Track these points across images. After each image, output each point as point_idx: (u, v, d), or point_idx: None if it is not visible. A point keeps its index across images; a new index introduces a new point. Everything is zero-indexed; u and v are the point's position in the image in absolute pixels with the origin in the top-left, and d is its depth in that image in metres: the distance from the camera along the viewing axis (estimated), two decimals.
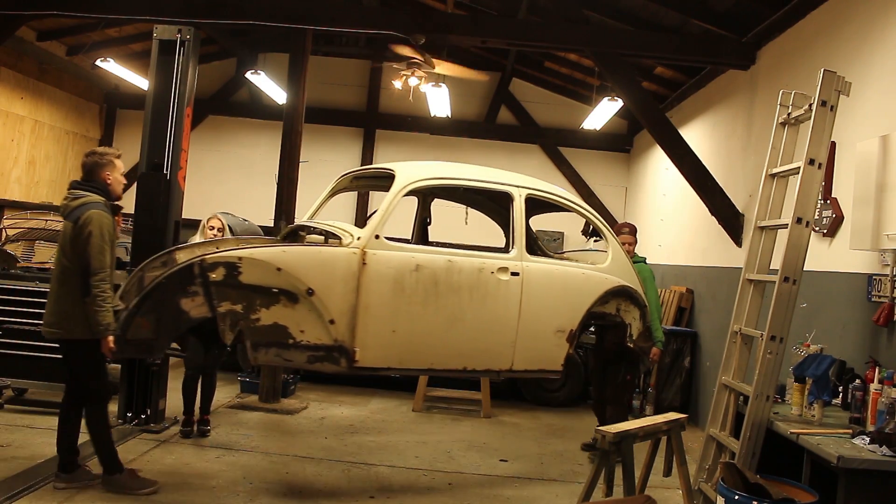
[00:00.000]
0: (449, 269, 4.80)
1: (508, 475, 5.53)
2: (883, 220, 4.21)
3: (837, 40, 5.55)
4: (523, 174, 5.75)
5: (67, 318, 4.33)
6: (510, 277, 4.95)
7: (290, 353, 4.49)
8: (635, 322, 5.60)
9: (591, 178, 12.38)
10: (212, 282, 4.32)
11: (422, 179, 5.04)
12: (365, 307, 4.56)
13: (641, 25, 7.89)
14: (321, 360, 4.54)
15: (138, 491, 4.44)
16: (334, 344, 4.52)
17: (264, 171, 10.86)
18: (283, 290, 4.42)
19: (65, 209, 4.50)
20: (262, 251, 4.47)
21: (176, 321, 4.37)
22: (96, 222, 4.31)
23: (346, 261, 4.54)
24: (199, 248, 5.13)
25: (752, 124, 7.07)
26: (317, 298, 4.45)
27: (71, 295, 4.32)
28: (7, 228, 8.65)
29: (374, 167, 5.55)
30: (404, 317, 4.69)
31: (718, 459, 4.41)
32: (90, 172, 4.59)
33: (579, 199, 6.00)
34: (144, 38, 10.41)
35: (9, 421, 5.71)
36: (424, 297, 4.73)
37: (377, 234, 4.65)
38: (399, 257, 4.69)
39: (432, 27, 7.46)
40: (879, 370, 3.97)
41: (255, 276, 4.38)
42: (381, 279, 4.61)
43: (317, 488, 4.88)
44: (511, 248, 5.07)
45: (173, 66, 5.90)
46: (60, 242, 4.45)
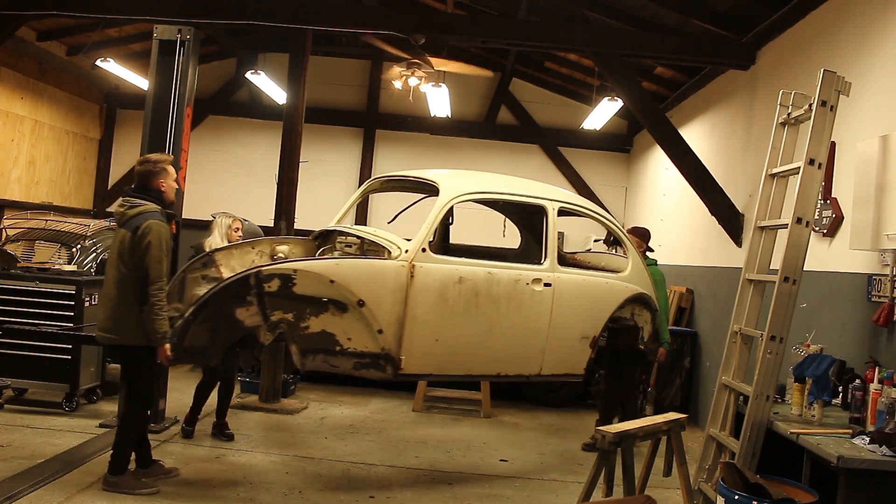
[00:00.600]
0: (489, 280, 5.02)
1: (508, 475, 5.54)
2: (883, 220, 4.21)
3: (837, 40, 5.55)
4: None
5: (124, 325, 4.43)
6: (543, 288, 5.20)
7: (336, 360, 4.69)
8: (647, 325, 5.85)
9: (591, 178, 12.37)
10: (266, 292, 4.48)
11: (466, 193, 5.21)
12: (412, 317, 4.76)
13: (641, 25, 7.89)
14: (367, 367, 4.74)
15: (139, 491, 4.48)
16: (381, 352, 4.73)
17: (264, 171, 10.86)
18: (332, 299, 4.60)
19: (121, 217, 4.55)
20: (317, 264, 4.67)
21: (231, 330, 4.51)
22: (155, 232, 4.40)
23: (395, 274, 4.72)
24: (237, 252, 5.50)
25: (752, 124, 7.07)
26: (367, 309, 4.64)
27: (128, 302, 4.41)
28: (7, 228, 8.65)
29: (414, 175, 5.71)
30: (447, 326, 4.90)
31: (718, 459, 4.41)
32: (144, 180, 4.62)
33: (605, 211, 6.31)
34: (144, 38, 10.40)
35: (9, 421, 5.71)
36: (466, 308, 4.94)
37: (423, 248, 4.83)
38: (444, 270, 4.90)
39: (432, 27, 7.46)
40: (879, 370, 3.97)
41: (309, 288, 4.55)
42: (427, 291, 4.81)
43: (317, 488, 4.88)
44: (544, 260, 5.29)
45: (173, 66, 5.90)
46: (117, 250, 4.49)
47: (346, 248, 5.65)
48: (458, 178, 5.52)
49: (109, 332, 4.49)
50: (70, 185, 11.70)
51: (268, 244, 5.73)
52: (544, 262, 5.29)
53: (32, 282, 6.21)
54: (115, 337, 4.48)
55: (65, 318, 6.09)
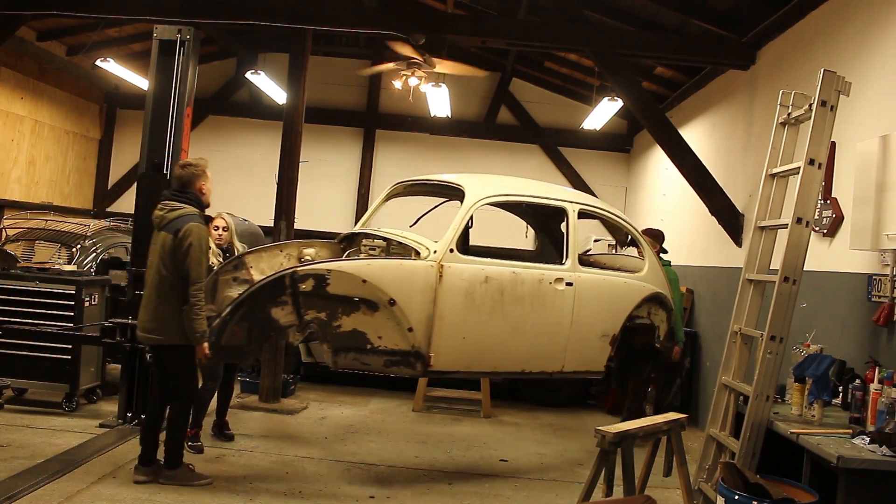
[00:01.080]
0: (513, 280, 5.17)
1: (508, 475, 5.53)
2: (883, 220, 4.21)
3: (837, 40, 5.55)
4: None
5: (166, 325, 4.57)
6: (565, 287, 5.34)
7: (367, 358, 4.85)
8: (663, 324, 6.00)
9: (591, 178, 12.37)
10: (301, 292, 4.63)
11: (490, 196, 5.40)
12: (440, 316, 4.91)
13: (641, 25, 7.89)
14: (397, 365, 4.91)
15: (196, 482, 4.69)
16: (411, 350, 4.87)
17: (264, 171, 10.86)
18: (364, 299, 4.74)
19: (161, 220, 4.69)
20: (350, 264, 4.83)
21: (266, 328, 4.69)
22: (196, 234, 4.56)
23: (425, 273, 4.87)
24: (266, 255, 5.67)
25: (752, 124, 7.07)
26: (398, 308, 4.78)
27: (169, 303, 4.57)
28: (7, 228, 8.65)
29: (437, 179, 5.91)
30: (474, 324, 5.05)
31: (718, 459, 4.41)
32: (186, 184, 4.78)
33: (622, 213, 6.49)
34: (144, 38, 10.41)
35: (9, 421, 5.71)
36: (492, 307, 5.09)
37: (451, 248, 4.98)
38: (471, 270, 5.06)
39: (432, 27, 7.46)
40: (879, 370, 3.97)
41: (342, 287, 4.69)
42: (455, 290, 4.97)
43: (317, 488, 4.88)
44: (565, 260, 5.46)
45: (173, 66, 5.90)
46: (158, 252, 4.63)
47: (370, 250, 5.78)
48: (482, 182, 5.67)
49: (151, 332, 4.63)
50: (70, 185, 11.70)
51: (295, 247, 5.89)
52: (566, 263, 5.44)
53: (32, 282, 6.20)
54: (157, 336, 4.61)
55: (65, 318, 6.09)
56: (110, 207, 12.30)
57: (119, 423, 5.79)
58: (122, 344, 5.79)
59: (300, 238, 6.47)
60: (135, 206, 6.01)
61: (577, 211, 5.61)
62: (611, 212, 6.09)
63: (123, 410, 5.82)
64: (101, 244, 8.10)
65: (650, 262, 5.96)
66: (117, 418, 5.85)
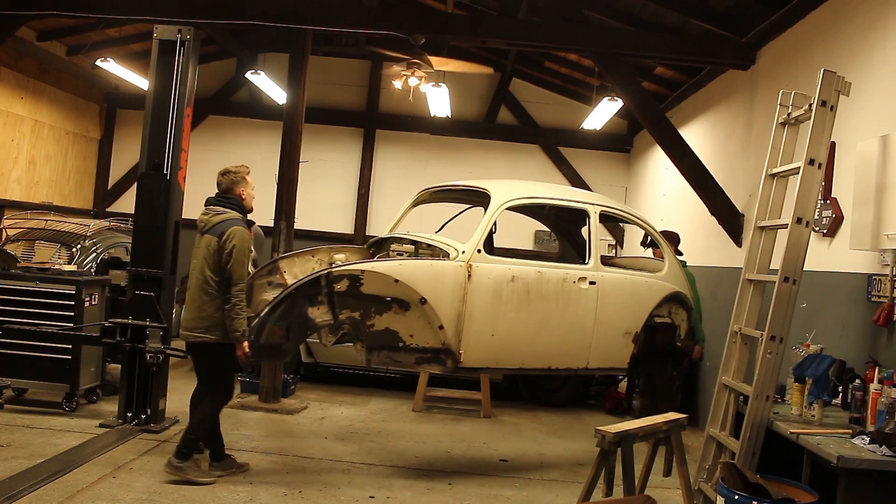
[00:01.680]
0: (539, 279, 5.38)
1: (508, 475, 5.53)
2: (883, 220, 4.21)
3: (837, 40, 5.55)
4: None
5: (208, 324, 4.77)
6: (588, 286, 5.55)
7: (399, 355, 5.05)
8: (683, 323, 6.17)
9: (591, 178, 12.37)
10: (336, 292, 4.83)
11: (515, 199, 5.69)
12: (470, 314, 5.12)
13: (641, 25, 7.89)
14: (428, 362, 5.11)
15: (200, 479, 4.76)
16: (442, 347, 5.07)
17: (264, 171, 10.79)
18: (396, 298, 4.94)
19: (206, 224, 4.91)
20: (383, 265, 5.01)
21: (303, 327, 4.87)
22: (239, 237, 4.78)
23: (454, 273, 5.09)
24: (299, 260, 5.93)
25: (752, 124, 7.07)
26: (429, 306, 4.98)
27: (212, 303, 4.77)
28: (7, 228, 8.65)
29: (464, 184, 6.13)
30: (501, 322, 5.24)
31: (718, 459, 4.41)
32: (228, 190, 5.01)
33: (640, 214, 6.75)
34: (144, 38, 10.41)
35: (9, 421, 5.71)
36: (518, 305, 5.29)
37: (479, 249, 5.22)
38: (498, 269, 5.27)
39: (432, 27, 7.46)
40: (879, 370, 3.97)
41: (375, 287, 4.90)
42: (483, 289, 5.18)
43: (317, 488, 4.88)
44: (588, 260, 5.67)
45: (173, 66, 5.91)
46: (203, 254, 4.84)
47: (398, 255, 5.92)
48: (507, 186, 5.91)
49: (193, 331, 4.81)
50: (70, 185, 11.70)
51: (326, 252, 6.12)
52: (589, 262, 5.64)
53: (32, 282, 6.20)
54: (200, 335, 4.79)
55: (65, 318, 6.09)
56: (110, 207, 12.30)
57: (119, 423, 5.79)
58: (122, 344, 5.79)
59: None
60: (135, 206, 6.00)
61: (599, 213, 5.81)
62: (632, 214, 6.33)
63: (123, 410, 5.82)
64: (101, 244, 8.10)
65: (669, 262, 6.14)
66: (117, 418, 5.85)
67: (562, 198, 6.02)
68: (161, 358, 5.71)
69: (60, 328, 5.99)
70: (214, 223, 4.87)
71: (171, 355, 5.88)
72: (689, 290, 6.29)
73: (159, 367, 5.77)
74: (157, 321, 5.75)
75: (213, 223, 4.87)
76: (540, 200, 6.11)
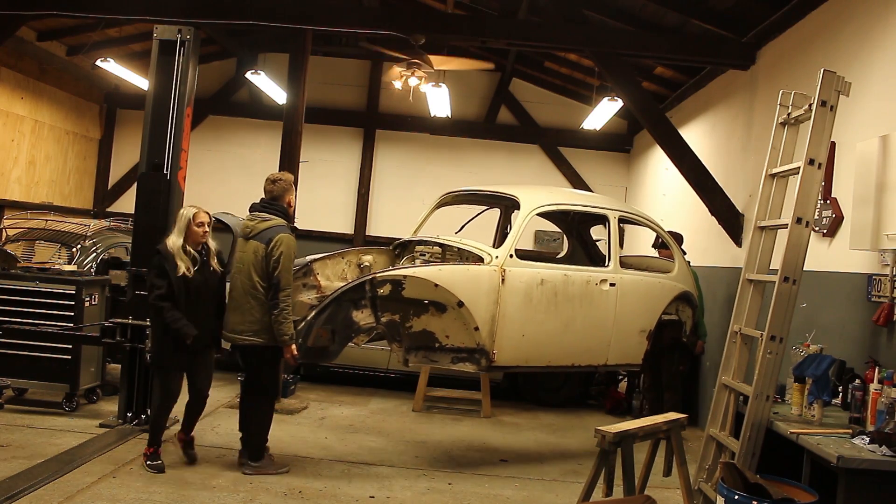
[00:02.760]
0: (565, 281, 5.69)
1: (508, 475, 5.53)
2: (883, 220, 4.21)
3: (837, 40, 5.55)
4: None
5: (257, 327, 4.90)
6: (609, 288, 5.87)
7: (435, 355, 5.34)
8: (689, 320, 6.55)
9: (591, 178, 12.37)
10: (379, 296, 5.09)
11: (544, 205, 6.00)
12: (503, 315, 5.37)
13: (641, 25, 7.89)
14: (463, 361, 5.36)
15: (278, 471, 5.06)
16: (476, 347, 5.32)
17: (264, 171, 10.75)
18: (433, 301, 5.20)
19: (252, 230, 5.00)
20: (424, 270, 5.27)
21: (348, 330, 5.12)
22: (286, 244, 4.89)
23: (489, 277, 5.35)
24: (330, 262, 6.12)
25: (752, 124, 7.07)
26: (465, 309, 5.22)
27: (260, 308, 4.88)
28: (7, 228, 8.65)
29: (491, 190, 6.44)
30: (531, 323, 5.52)
31: (718, 459, 4.41)
32: (276, 198, 5.12)
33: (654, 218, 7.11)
34: (144, 38, 10.41)
35: (9, 421, 5.71)
36: (547, 306, 5.58)
37: (511, 254, 5.47)
38: (529, 273, 5.55)
39: (432, 27, 7.46)
40: (879, 370, 3.97)
41: (416, 291, 5.15)
42: (515, 292, 5.44)
43: (317, 488, 4.88)
44: (608, 263, 5.99)
45: (173, 66, 5.90)
46: (250, 260, 4.92)
47: (421, 256, 6.19)
48: (535, 193, 6.24)
49: (241, 334, 4.94)
50: (70, 185, 11.70)
51: (355, 254, 6.40)
52: (609, 265, 5.97)
53: (32, 282, 6.20)
54: (249, 338, 4.92)
55: (65, 318, 6.09)
56: (110, 207, 12.30)
57: (119, 423, 5.79)
58: (122, 344, 5.79)
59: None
60: (135, 206, 6.00)
61: (618, 217, 6.19)
62: (647, 218, 6.77)
63: (123, 410, 5.82)
64: (101, 244, 8.10)
65: (679, 263, 6.50)
66: (117, 418, 5.85)
67: (585, 204, 6.41)
68: None
69: (60, 328, 6.00)
70: (261, 229, 4.95)
71: None
72: (696, 289, 6.64)
73: None
74: None
75: (259, 229, 4.95)
76: (566, 207, 6.33)
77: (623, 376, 8.66)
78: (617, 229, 6.10)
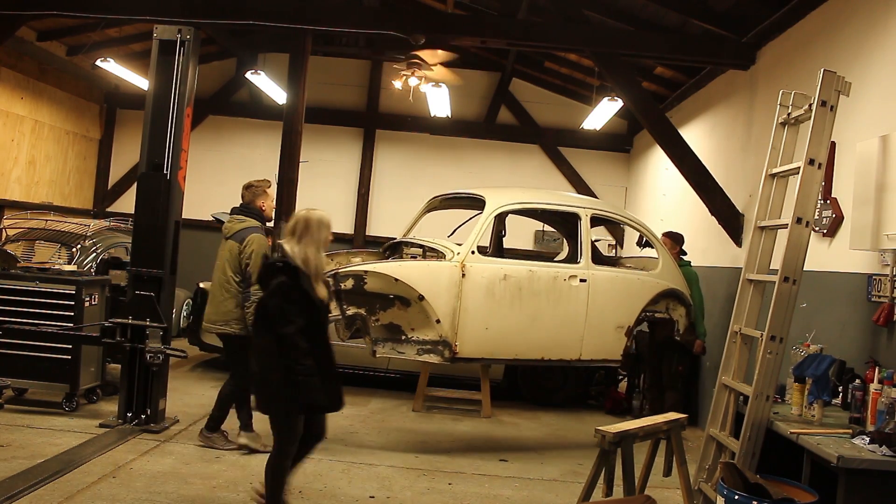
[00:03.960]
0: (530, 277, 5.84)
1: (508, 475, 5.53)
2: (883, 220, 4.21)
3: (837, 40, 5.55)
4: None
5: (228, 318, 5.36)
6: (579, 283, 5.97)
7: (402, 347, 5.61)
8: (682, 319, 6.55)
9: (591, 178, 12.37)
10: (343, 290, 5.38)
11: (507, 204, 6.18)
12: (464, 309, 5.60)
13: (641, 25, 7.89)
14: (428, 352, 5.62)
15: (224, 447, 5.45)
16: (440, 339, 5.57)
17: (264, 171, 10.78)
18: (397, 296, 5.47)
19: (229, 231, 5.50)
20: (383, 265, 5.58)
21: None
22: (257, 243, 5.35)
23: (449, 272, 5.59)
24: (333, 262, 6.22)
25: (752, 124, 7.07)
26: (426, 303, 5.48)
27: (232, 300, 5.35)
28: (7, 228, 8.65)
29: (465, 193, 6.63)
30: (495, 316, 5.71)
31: (718, 459, 4.41)
32: (249, 202, 5.62)
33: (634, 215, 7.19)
34: (144, 38, 10.42)
35: (9, 421, 5.71)
36: (511, 301, 5.75)
37: (473, 250, 5.70)
38: (491, 268, 5.76)
39: (432, 27, 7.47)
40: (879, 370, 3.97)
41: (377, 285, 5.44)
42: (476, 286, 5.66)
43: (317, 488, 4.88)
44: (579, 259, 6.11)
45: (173, 66, 5.90)
46: (226, 257, 5.41)
47: (410, 257, 6.45)
48: (501, 193, 6.38)
49: (215, 324, 5.41)
50: (70, 185, 11.70)
51: (344, 256, 6.58)
52: (580, 261, 6.07)
53: (32, 282, 6.19)
54: (220, 328, 5.39)
55: (65, 318, 6.09)
56: (110, 207, 12.30)
57: (119, 423, 5.79)
58: (122, 344, 5.79)
59: None
60: (135, 206, 6.00)
61: (591, 216, 6.23)
62: (624, 216, 6.77)
63: (123, 410, 5.82)
64: (101, 244, 8.10)
65: (663, 261, 6.50)
66: (117, 418, 5.85)
67: (552, 202, 6.47)
68: (161, 358, 5.72)
69: (60, 328, 5.99)
70: (236, 230, 5.44)
71: (171, 355, 5.89)
72: (686, 287, 6.58)
73: (159, 367, 5.77)
74: (157, 321, 5.75)
75: (235, 230, 5.45)
76: (530, 205, 6.42)
77: (623, 376, 8.67)
78: (588, 227, 6.15)
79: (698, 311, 6.87)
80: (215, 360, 8.67)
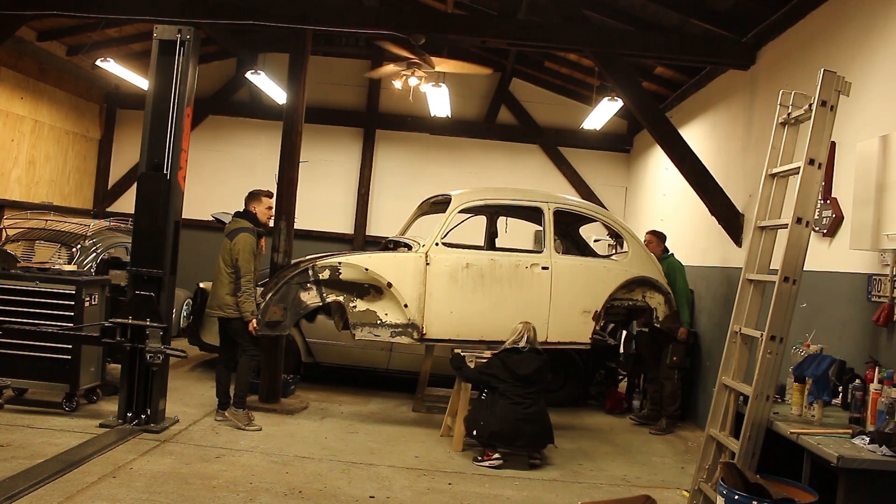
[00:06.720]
0: (492, 265, 6.43)
1: (508, 475, 5.53)
2: (883, 220, 4.21)
3: (837, 40, 5.55)
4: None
5: (221, 303, 6.21)
6: (541, 271, 6.47)
7: (378, 330, 6.31)
8: (660, 307, 6.92)
9: (591, 178, 12.37)
10: (321, 279, 6.22)
11: (469, 201, 6.77)
12: (429, 294, 6.25)
13: (641, 25, 7.89)
14: (400, 335, 6.30)
15: (248, 427, 6.14)
16: (409, 322, 6.26)
17: (264, 171, 10.85)
18: (371, 284, 6.25)
19: (227, 230, 6.35)
20: (354, 257, 6.36)
21: (297, 308, 6.26)
22: (243, 241, 6.17)
23: (414, 261, 6.31)
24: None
25: (752, 124, 7.07)
26: (394, 289, 6.22)
27: (223, 288, 6.19)
28: (7, 228, 8.65)
29: (441, 194, 7.10)
30: (459, 301, 6.33)
31: (718, 459, 4.41)
32: (245, 206, 6.47)
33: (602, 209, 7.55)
34: (144, 38, 10.41)
35: (9, 421, 5.71)
36: (473, 286, 6.35)
37: (437, 243, 6.35)
38: (453, 258, 6.39)
39: (432, 27, 7.46)
40: (879, 370, 3.96)
41: (351, 275, 6.25)
42: (440, 274, 6.31)
43: (317, 488, 4.88)
44: (543, 249, 6.60)
45: (173, 66, 5.90)
46: (222, 253, 6.26)
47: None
48: (465, 191, 6.87)
49: (215, 309, 6.27)
50: (70, 185, 11.70)
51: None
52: (543, 251, 6.57)
53: (32, 282, 6.19)
54: (220, 312, 6.23)
55: (65, 318, 6.09)
56: (110, 207, 12.30)
57: (119, 423, 5.79)
58: (122, 344, 5.80)
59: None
60: (135, 206, 6.00)
61: (553, 210, 6.66)
62: (590, 209, 7.17)
63: (123, 410, 5.83)
64: (101, 244, 8.10)
65: (633, 250, 6.91)
66: (117, 418, 5.85)
67: (515, 198, 7.01)
68: (161, 358, 5.72)
69: (60, 328, 5.99)
70: (232, 229, 6.29)
71: (171, 355, 5.89)
72: (662, 276, 6.95)
73: (159, 367, 5.78)
74: (157, 321, 5.75)
75: (231, 229, 6.30)
76: (492, 202, 7.07)
77: (623, 376, 8.67)
78: (552, 220, 6.58)
79: (682, 299, 7.11)
80: (215, 361, 8.67)
